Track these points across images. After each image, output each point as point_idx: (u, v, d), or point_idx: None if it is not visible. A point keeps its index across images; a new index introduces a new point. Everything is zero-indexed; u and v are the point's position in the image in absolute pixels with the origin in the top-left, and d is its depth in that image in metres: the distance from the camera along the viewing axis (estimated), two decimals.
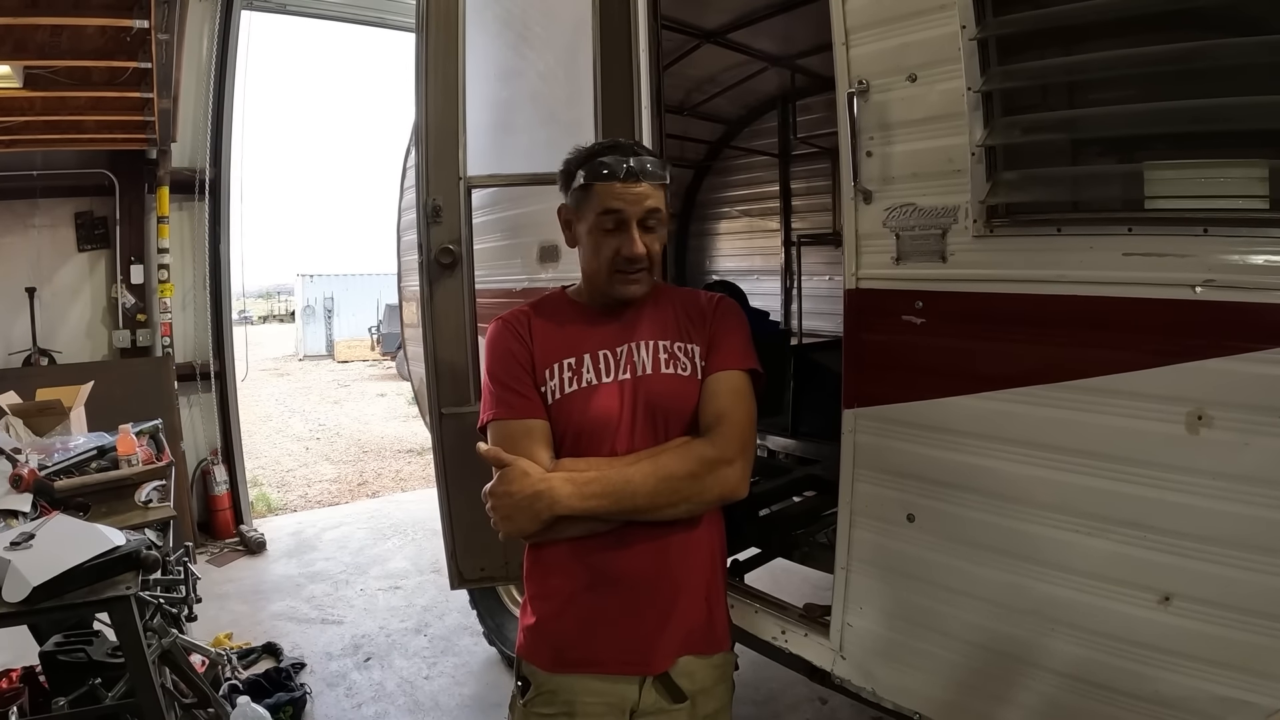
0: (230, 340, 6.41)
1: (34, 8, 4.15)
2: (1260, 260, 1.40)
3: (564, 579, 1.68)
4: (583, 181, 1.64)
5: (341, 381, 18.02)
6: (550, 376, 1.68)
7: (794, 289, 6.17)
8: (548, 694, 1.68)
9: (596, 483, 1.55)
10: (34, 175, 5.48)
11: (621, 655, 1.66)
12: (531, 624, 1.72)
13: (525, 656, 1.73)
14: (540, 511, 1.53)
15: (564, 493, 1.54)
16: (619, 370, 1.69)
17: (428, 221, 2.57)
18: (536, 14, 2.87)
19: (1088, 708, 1.68)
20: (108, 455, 3.00)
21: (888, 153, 1.91)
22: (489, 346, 1.74)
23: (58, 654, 2.51)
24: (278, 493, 8.25)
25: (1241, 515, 1.44)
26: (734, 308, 1.83)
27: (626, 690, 1.66)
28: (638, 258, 1.64)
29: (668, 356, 1.71)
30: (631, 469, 1.58)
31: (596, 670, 1.66)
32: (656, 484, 1.56)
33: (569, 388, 1.67)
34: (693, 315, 1.78)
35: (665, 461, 1.59)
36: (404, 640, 4.37)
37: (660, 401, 1.67)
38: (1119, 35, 1.63)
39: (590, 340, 1.71)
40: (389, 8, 6.93)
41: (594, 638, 1.66)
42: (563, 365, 1.68)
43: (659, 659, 1.67)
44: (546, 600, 1.71)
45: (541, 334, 1.72)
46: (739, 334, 1.77)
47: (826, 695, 3.42)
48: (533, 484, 1.53)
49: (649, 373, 1.69)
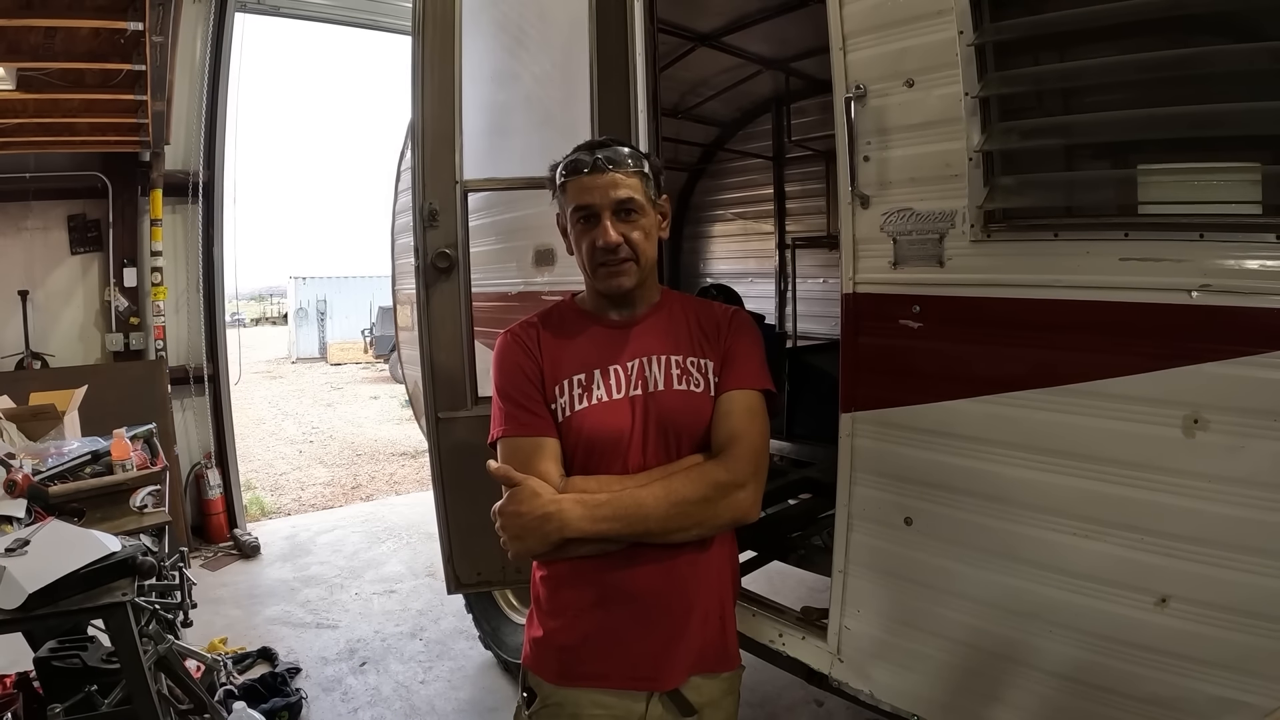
0: (224, 343, 6.39)
1: (28, 9, 4.13)
2: (1256, 265, 1.41)
3: (574, 594, 1.65)
4: (560, 181, 1.66)
5: (334, 384, 17.98)
6: (561, 393, 1.65)
7: (788, 292, 6.18)
8: (553, 706, 1.66)
9: (608, 506, 1.53)
10: (27, 177, 5.45)
11: (630, 671, 1.63)
12: (539, 636, 1.70)
13: (532, 668, 1.71)
14: (550, 533, 1.51)
15: (575, 515, 1.51)
16: (630, 386, 1.65)
17: (424, 225, 2.57)
18: (532, 17, 2.88)
19: (1085, 709, 1.69)
20: (102, 460, 2.99)
21: (885, 158, 1.92)
22: (498, 361, 1.72)
23: (52, 660, 2.49)
24: (271, 496, 8.21)
25: (1237, 518, 1.45)
26: (749, 323, 1.80)
27: (633, 705, 1.64)
28: (612, 246, 1.60)
29: (680, 372, 1.67)
30: (643, 492, 1.55)
31: (604, 684, 1.63)
32: (669, 509, 1.54)
33: (579, 404, 1.64)
34: (707, 329, 1.75)
35: (677, 485, 1.56)
36: (399, 644, 4.35)
37: (672, 418, 1.64)
38: (1115, 41, 1.64)
39: (601, 355, 1.68)
40: (381, 10, 6.93)
41: (603, 653, 1.63)
42: (573, 381, 1.65)
43: (669, 676, 1.64)
44: (555, 615, 1.68)
45: (551, 348, 1.70)
46: (755, 351, 1.74)
47: (823, 698, 3.43)
48: (543, 505, 1.51)
49: (661, 389, 1.65)
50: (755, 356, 1.74)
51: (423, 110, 2.56)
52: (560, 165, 1.67)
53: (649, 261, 1.69)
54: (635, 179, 1.64)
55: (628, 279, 1.65)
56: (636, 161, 1.65)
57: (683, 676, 1.66)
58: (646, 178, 1.67)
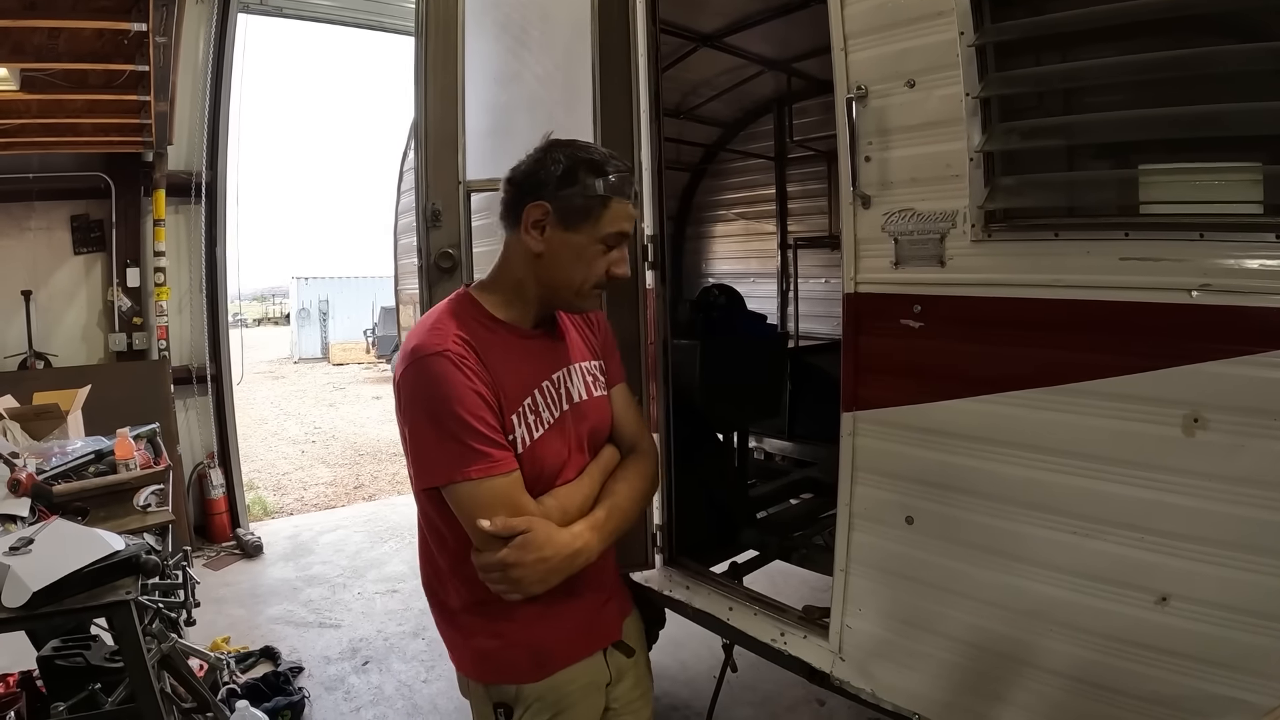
0: (226, 343, 6.39)
1: (32, 10, 4.14)
2: (1255, 264, 1.42)
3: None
4: (602, 193, 1.52)
5: (336, 384, 17.97)
6: (518, 423, 1.54)
7: (790, 292, 6.18)
8: (536, 703, 1.63)
9: (610, 521, 1.60)
10: (30, 178, 5.46)
11: (586, 637, 1.69)
12: (501, 644, 1.62)
13: (499, 679, 1.65)
14: (577, 568, 1.52)
15: (595, 542, 1.55)
16: (560, 401, 1.63)
17: (427, 226, 2.57)
18: (535, 18, 2.88)
19: (1086, 708, 1.70)
20: (105, 459, 3.00)
21: (886, 158, 1.93)
22: (441, 385, 1.45)
23: (55, 659, 2.50)
24: (274, 496, 8.22)
25: (1237, 516, 1.46)
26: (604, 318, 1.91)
27: (599, 666, 1.71)
28: (627, 278, 1.64)
29: (592, 379, 1.73)
30: (621, 500, 1.65)
31: (574, 658, 1.66)
32: (640, 505, 1.72)
33: (535, 433, 1.56)
34: (586, 328, 1.82)
35: (638, 485, 1.70)
36: (402, 644, 4.36)
37: (597, 425, 1.72)
38: (1116, 41, 1.64)
39: (534, 373, 1.60)
40: (383, 11, 6.95)
41: (563, 631, 1.64)
42: (524, 409, 1.55)
43: (613, 626, 1.76)
44: (511, 619, 1.58)
45: (494, 368, 1.52)
46: (616, 345, 1.88)
47: (825, 696, 3.43)
48: (566, 545, 1.49)
49: (584, 399, 1.69)
50: (618, 351, 1.89)
51: (426, 111, 2.56)
52: (604, 179, 1.53)
53: None
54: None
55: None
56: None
57: (618, 623, 1.78)
58: None
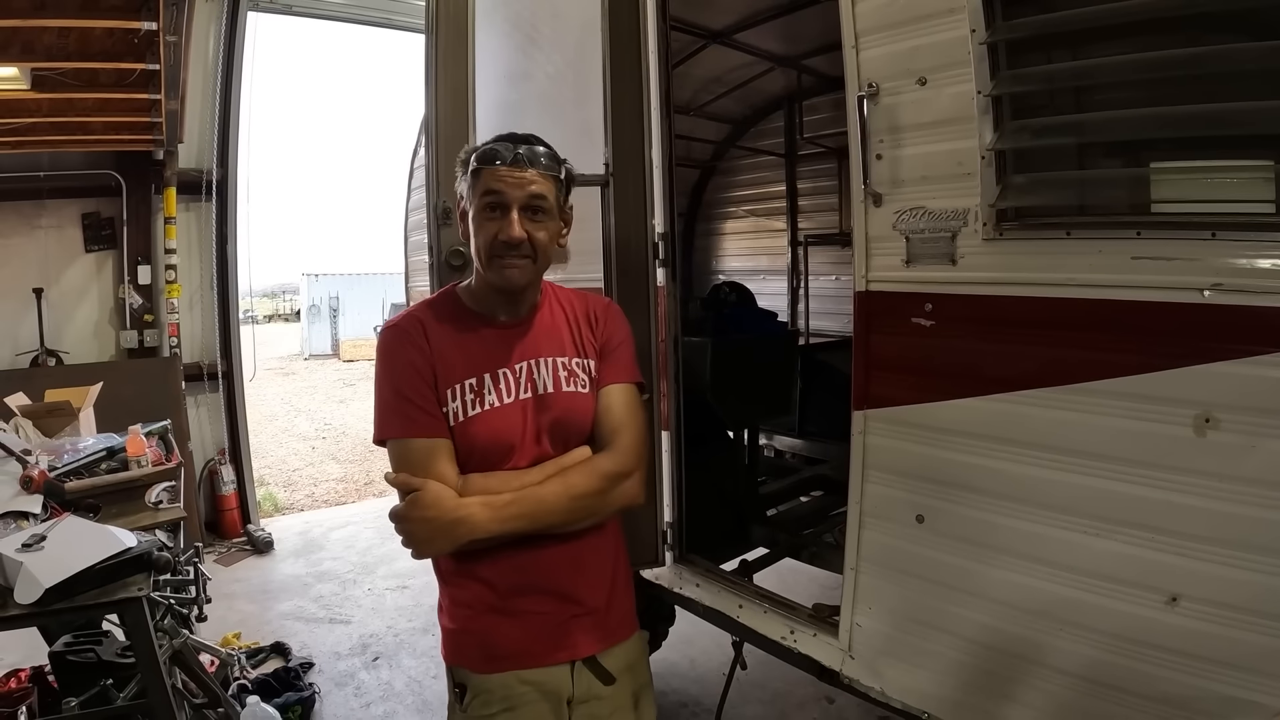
0: (237, 340, 6.41)
1: (42, 10, 4.15)
2: (1268, 264, 1.41)
3: (482, 585, 1.68)
4: (474, 166, 1.64)
5: (347, 380, 18.00)
6: (452, 398, 1.65)
7: (800, 289, 6.17)
8: (484, 694, 1.68)
9: (513, 506, 1.59)
10: (41, 176, 5.48)
11: (546, 646, 1.68)
12: (456, 628, 1.73)
13: (455, 662, 1.74)
14: (460, 536, 1.56)
15: (483, 518, 1.56)
16: (520, 389, 1.68)
17: (438, 223, 2.57)
18: (546, 15, 2.88)
19: (1096, 708, 1.69)
20: (117, 456, 3.01)
21: (898, 156, 1.92)
22: (385, 356, 1.68)
23: (67, 654, 2.52)
24: (284, 492, 8.26)
25: (1248, 517, 1.45)
26: (620, 315, 1.87)
27: (560, 677, 1.69)
28: (515, 241, 1.60)
29: (567, 374, 1.73)
30: (543, 490, 1.62)
31: (527, 664, 1.67)
32: (568, 503, 1.63)
33: (471, 410, 1.65)
34: (585, 323, 1.81)
35: (574, 480, 1.64)
36: (412, 640, 4.38)
37: (564, 419, 1.70)
38: (1128, 39, 1.63)
39: (490, 358, 1.69)
40: (394, 8, 6.95)
41: (518, 633, 1.67)
42: (464, 386, 1.66)
43: (583, 643, 1.71)
44: (468, 605, 1.71)
45: (441, 346, 1.68)
46: (627, 345, 1.83)
47: (834, 694, 3.42)
48: (451, 510, 1.55)
49: (550, 391, 1.70)
50: (629, 351, 1.83)
51: (436, 108, 2.56)
52: (474, 151, 1.66)
53: (545, 263, 1.72)
54: (549, 181, 1.65)
55: (521, 275, 1.66)
56: (553, 164, 1.67)
57: (594, 644, 1.73)
58: (560, 182, 1.69)
